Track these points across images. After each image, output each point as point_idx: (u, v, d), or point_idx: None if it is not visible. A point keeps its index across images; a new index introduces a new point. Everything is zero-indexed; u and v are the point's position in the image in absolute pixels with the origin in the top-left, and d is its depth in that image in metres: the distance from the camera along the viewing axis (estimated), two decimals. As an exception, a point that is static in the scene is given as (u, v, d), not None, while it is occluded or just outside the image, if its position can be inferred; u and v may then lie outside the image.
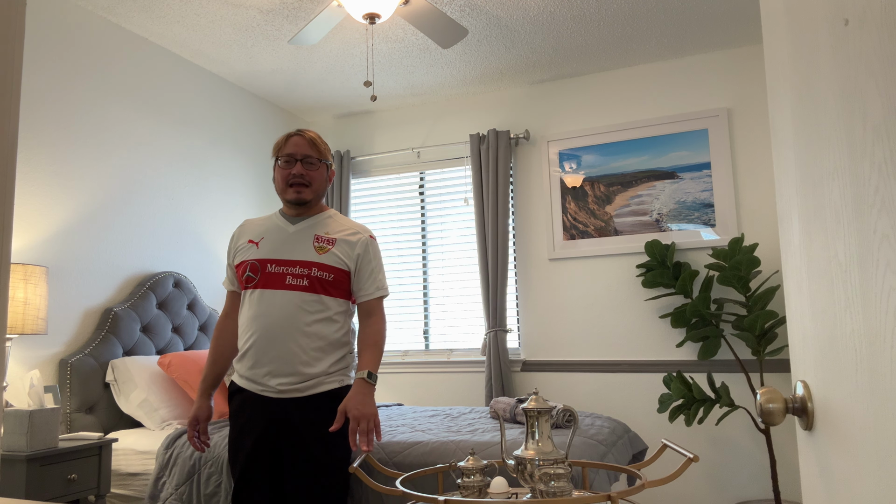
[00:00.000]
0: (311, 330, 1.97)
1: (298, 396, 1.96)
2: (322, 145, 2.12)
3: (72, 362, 2.81)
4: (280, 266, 2.00)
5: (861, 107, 0.61)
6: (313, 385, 1.98)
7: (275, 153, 2.12)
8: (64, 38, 2.99)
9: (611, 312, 3.89)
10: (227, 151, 4.00)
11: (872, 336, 0.60)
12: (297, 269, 2.00)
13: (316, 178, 2.09)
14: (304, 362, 1.96)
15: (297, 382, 1.96)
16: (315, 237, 2.06)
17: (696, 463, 3.67)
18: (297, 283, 1.98)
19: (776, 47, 0.89)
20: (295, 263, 2.00)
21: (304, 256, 2.01)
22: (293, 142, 2.08)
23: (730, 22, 3.45)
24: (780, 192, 0.91)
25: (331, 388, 2.00)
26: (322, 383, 1.99)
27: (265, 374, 1.97)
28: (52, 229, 2.87)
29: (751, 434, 3.55)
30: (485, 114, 4.35)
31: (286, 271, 2.00)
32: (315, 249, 2.03)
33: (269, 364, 1.96)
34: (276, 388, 1.96)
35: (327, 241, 2.05)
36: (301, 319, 1.96)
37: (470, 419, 2.86)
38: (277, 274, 2.00)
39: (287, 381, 1.95)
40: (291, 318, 1.96)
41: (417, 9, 2.77)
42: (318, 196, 2.12)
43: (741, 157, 3.71)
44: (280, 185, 2.09)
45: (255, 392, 1.99)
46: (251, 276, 2.03)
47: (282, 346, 1.95)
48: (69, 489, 2.36)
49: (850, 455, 0.67)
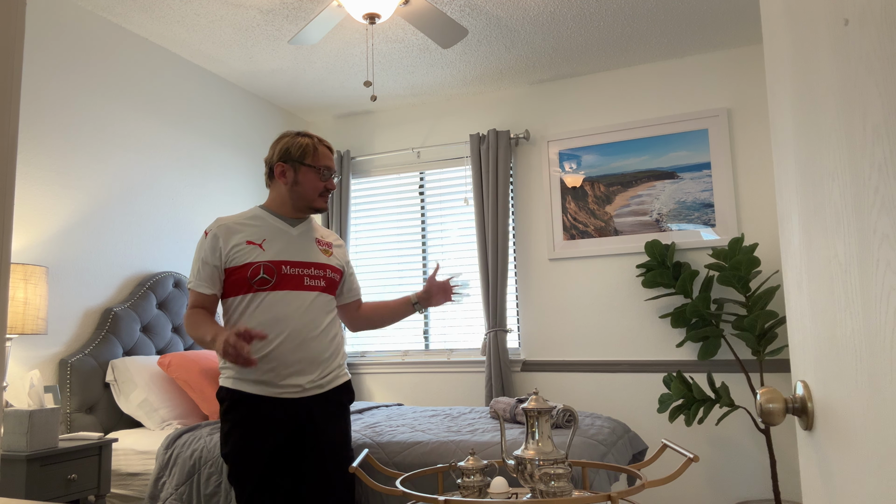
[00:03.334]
0: (328, 327, 2.07)
1: (319, 393, 2.03)
2: None
3: (72, 362, 2.81)
4: (295, 268, 2.04)
5: (861, 107, 0.61)
6: (331, 380, 2.07)
7: (299, 156, 2.07)
8: (64, 38, 2.99)
9: (611, 312, 3.89)
10: (227, 151, 4.00)
11: (872, 336, 0.60)
12: (312, 271, 2.06)
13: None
14: (325, 360, 2.05)
15: (319, 379, 2.03)
16: (316, 240, 2.14)
17: (696, 463, 3.67)
18: (316, 283, 2.06)
19: (776, 47, 0.89)
20: (310, 265, 2.06)
21: (317, 259, 2.09)
22: (327, 154, 2.14)
23: (730, 22, 3.45)
24: (780, 192, 0.91)
25: (343, 381, 2.12)
26: (337, 377, 2.10)
27: (289, 374, 1.96)
28: (52, 229, 2.87)
29: (751, 434, 3.55)
30: (485, 114, 4.35)
31: (302, 273, 2.04)
32: (322, 252, 2.12)
33: (295, 364, 1.97)
34: (302, 387, 1.98)
35: (326, 244, 2.17)
36: (322, 319, 2.05)
37: (470, 419, 2.86)
38: (294, 276, 2.02)
39: (312, 379, 2.00)
40: (314, 318, 2.03)
41: (417, 9, 2.77)
42: None
43: (741, 157, 3.71)
44: (310, 192, 2.09)
45: (270, 396, 1.96)
46: (266, 278, 1.98)
47: (309, 347, 2.00)
48: (69, 489, 2.36)
49: (850, 455, 0.67)
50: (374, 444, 2.38)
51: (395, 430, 2.58)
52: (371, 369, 4.42)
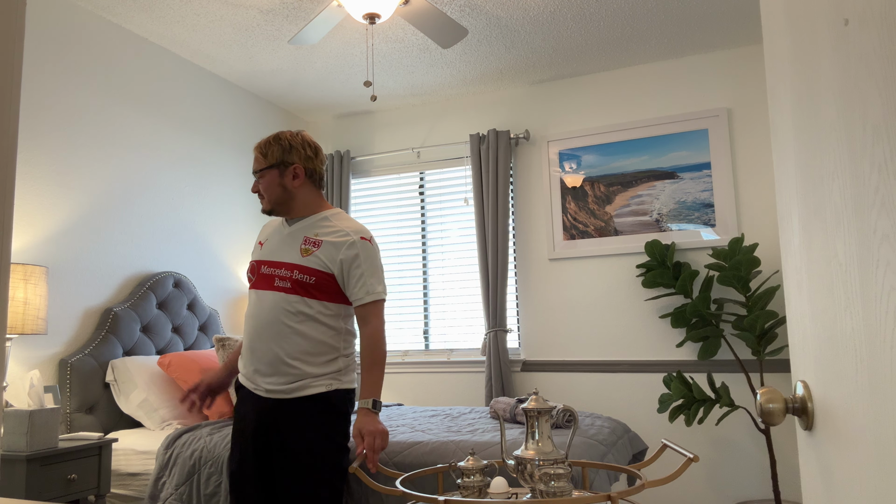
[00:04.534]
0: (295, 331, 1.98)
1: (284, 398, 1.98)
2: (269, 148, 2.08)
3: (72, 362, 2.81)
4: (270, 267, 2.06)
5: (861, 107, 0.61)
6: (299, 388, 1.97)
7: None
8: (64, 38, 2.99)
9: (611, 312, 3.89)
10: (228, 152, 4.00)
11: (872, 336, 0.60)
12: (282, 272, 2.03)
13: (268, 188, 2.08)
14: (287, 364, 1.97)
15: (282, 384, 1.98)
16: (304, 239, 2.06)
17: (696, 463, 3.67)
18: (282, 284, 2.02)
19: (776, 47, 0.89)
20: (281, 265, 2.05)
21: (289, 259, 2.04)
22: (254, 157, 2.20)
23: (730, 22, 3.45)
24: (780, 192, 0.91)
25: (317, 391, 1.98)
26: (308, 386, 1.98)
27: (253, 372, 2.03)
28: (52, 229, 2.87)
29: (751, 434, 3.55)
30: (485, 114, 4.35)
31: (274, 273, 2.04)
32: (300, 252, 2.03)
33: (256, 363, 2.02)
34: (264, 388, 2.00)
35: (314, 243, 2.04)
36: (284, 321, 1.98)
37: (470, 419, 2.86)
38: (268, 275, 2.05)
39: (272, 381, 1.99)
40: (276, 319, 2.00)
41: (417, 9, 2.77)
42: (280, 200, 2.09)
43: (741, 157, 3.71)
44: None
45: (250, 389, 2.05)
46: (250, 276, 2.13)
47: (266, 346, 2.00)
48: (69, 489, 2.36)
49: (850, 455, 0.67)
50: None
51: (395, 430, 2.58)
52: (371, 369, 4.41)
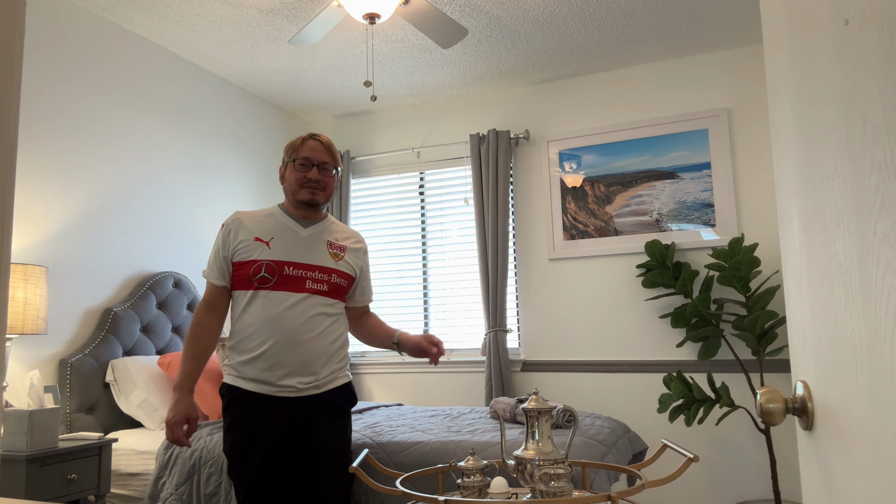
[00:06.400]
0: (328, 331, 2.05)
1: (316, 393, 2.03)
2: (336, 152, 2.17)
3: (72, 362, 2.81)
4: (298, 269, 2.03)
5: (861, 107, 0.61)
6: (328, 381, 2.06)
7: (289, 154, 2.14)
8: (64, 38, 2.99)
9: (611, 312, 3.89)
10: (228, 151, 4.00)
11: (872, 336, 0.60)
12: (316, 274, 2.05)
13: (330, 185, 2.14)
14: (323, 363, 2.03)
15: (316, 381, 2.02)
16: (328, 243, 2.12)
17: (696, 463, 3.67)
18: (318, 287, 2.04)
19: (776, 47, 0.89)
20: (314, 268, 2.05)
21: (323, 262, 2.07)
22: (311, 146, 2.11)
23: (730, 22, 3.45)
24: (780, 192, 0.91)
25: (342, 382, 2.11)
26: (335, 378, 2.08)
27: (284, 374, 1.98)
28: (52, 229, 2.87)
29: (751, 434, 3.55)
30: (485, 114, 4.35)
31: (305, 275, 2.03)
32: (331, 256, 2.10)
33: (290, 365, 1.98)
34: (296, 387, 1.99)
35: (339, 248, 2.14)
36: (321, 323, 2.03)
37: (470, 419, 2.86)
38: (296, 277, 2.02)
39: (307, 380, 2.01)
40: (313, 321, 2.01)
41: (417, 9, 2.77)
42: (328, 201, 2.18)
43: (741, 157, 3.71)
44: (292, 185, 2.11)
45: (268, 394, 1.98)
46: (267, 277, 2.01)
47: (305, 349, 1.99)
48: (69, 489, 2.36)
49: (850, 455, 0.67)
50: (374, 444, 2.38)
51: (395, 430, 2.58)
52: (371, 369, 4.42)
